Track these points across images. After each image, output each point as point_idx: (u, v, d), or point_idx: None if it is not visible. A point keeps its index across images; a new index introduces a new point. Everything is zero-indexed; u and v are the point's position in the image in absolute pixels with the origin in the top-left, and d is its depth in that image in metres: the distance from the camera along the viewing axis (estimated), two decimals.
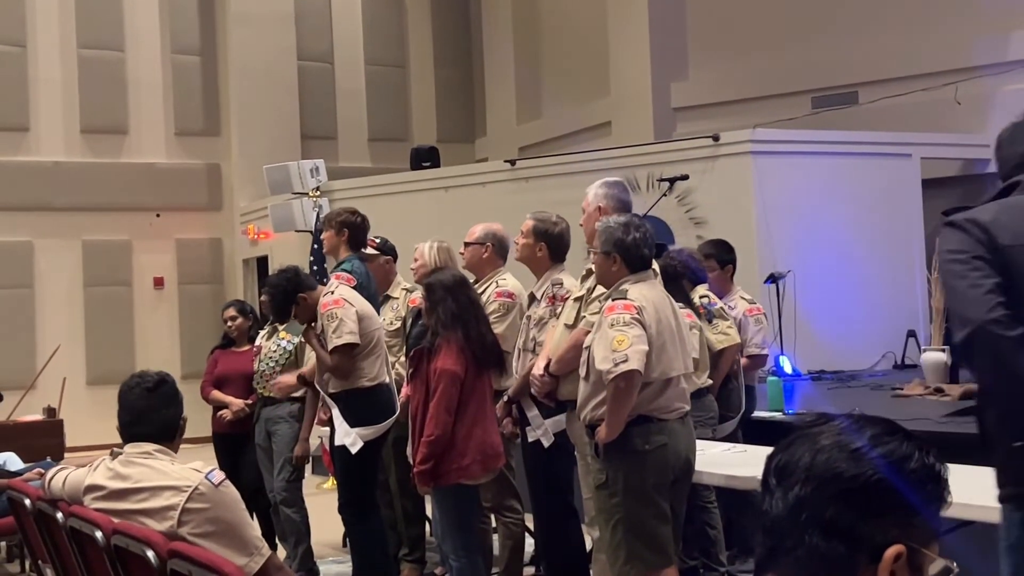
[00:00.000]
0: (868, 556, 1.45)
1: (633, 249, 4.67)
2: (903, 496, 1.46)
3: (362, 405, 5.85)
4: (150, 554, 3.09)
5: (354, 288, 6.08)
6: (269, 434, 6.94)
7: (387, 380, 6.00)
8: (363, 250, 6.58)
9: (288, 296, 6.01)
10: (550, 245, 5.64)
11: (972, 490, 3.80)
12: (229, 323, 7.61)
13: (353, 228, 6.46)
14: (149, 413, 3.55)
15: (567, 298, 5.43)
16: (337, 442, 5.87)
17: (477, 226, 6.25)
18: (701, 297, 6.41)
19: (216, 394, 7.45)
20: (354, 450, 5.77)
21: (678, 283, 5.99)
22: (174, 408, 3.62)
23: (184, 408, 3.72)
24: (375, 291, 6.56)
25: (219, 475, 3.39)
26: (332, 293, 5.90)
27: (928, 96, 11.67)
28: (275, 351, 6.99)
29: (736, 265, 6.87)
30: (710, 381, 6.06)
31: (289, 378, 6.63)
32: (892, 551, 1.44)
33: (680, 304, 5.83)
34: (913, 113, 11.80)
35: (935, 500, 1.51)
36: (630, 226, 4.70)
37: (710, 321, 6.28)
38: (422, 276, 6.00)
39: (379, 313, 6.34)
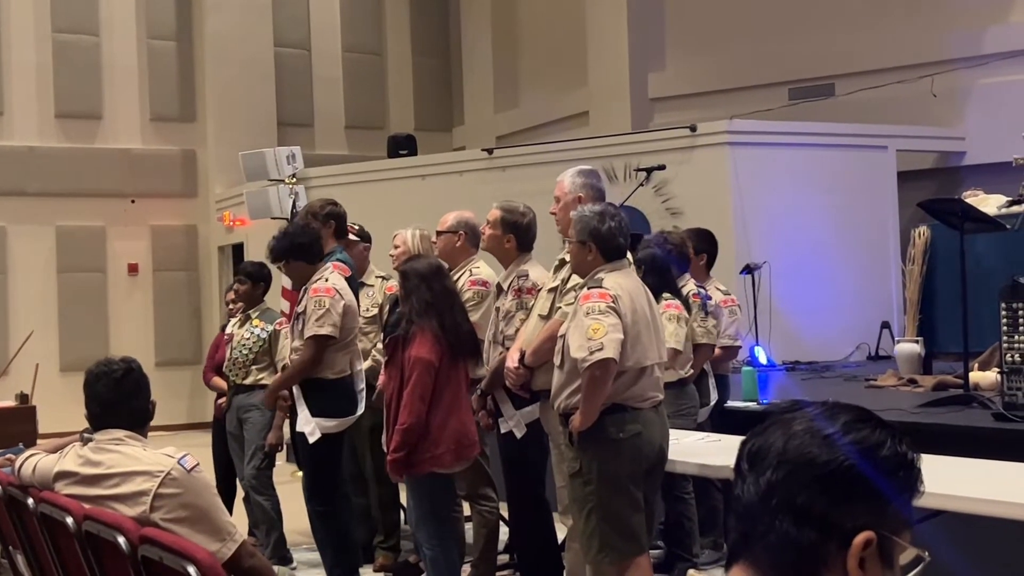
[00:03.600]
0: (839, 542, 1.45)
1: (609, 238, 4.66)
2: (875, 483, 1.46)
3: (323, 396, 5.80)
4: (121, 540, 3.07)
5: (347, 279, 6.05)
6: (240, 421, 6.93)
7: (352, 373, 5.94)
8: (346, 237, 6.57)
9: (297, 248, 5.91)
10: (517, 236, 5.63)
11: (944, 480, 3.83)
12: (230, 305, 7.59)
13: (339, 218, 6.45)
14: (118, 404, 3.53)
15: (533, 290, 5.42)
16: (298, 428, 5.85)
17: (449, 215, 6.23)
18: (698, 286, 6.43)
19: (216, 381, 7.44)
20: (312, 439, 5.73)
21: (666, 273, 6.00)
22: (143, 396, 3.60)
23: (155, 394, 3.70)
24: (358, 280, 6.57)
25: (191, 460, 3.37)
26: (327, 280, 5.84)
27: (904, 89, 11.72)
28: (248, 339, 6.96)
29: (713, 256, 6.88)
30: (692, 371, 6.08)
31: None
32: (861, 537, 1.44)
33: (667, 295, 5.86)
34: (889, 105, 11.85)
35: (907, 488, 1.51)
36: (605, 215, 4.69)
37: (706, 313, 6.31)
38: (403, 263, 5.97)
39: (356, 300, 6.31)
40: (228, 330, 7.20)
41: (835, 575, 1.45)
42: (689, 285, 6.37)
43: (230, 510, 6.27)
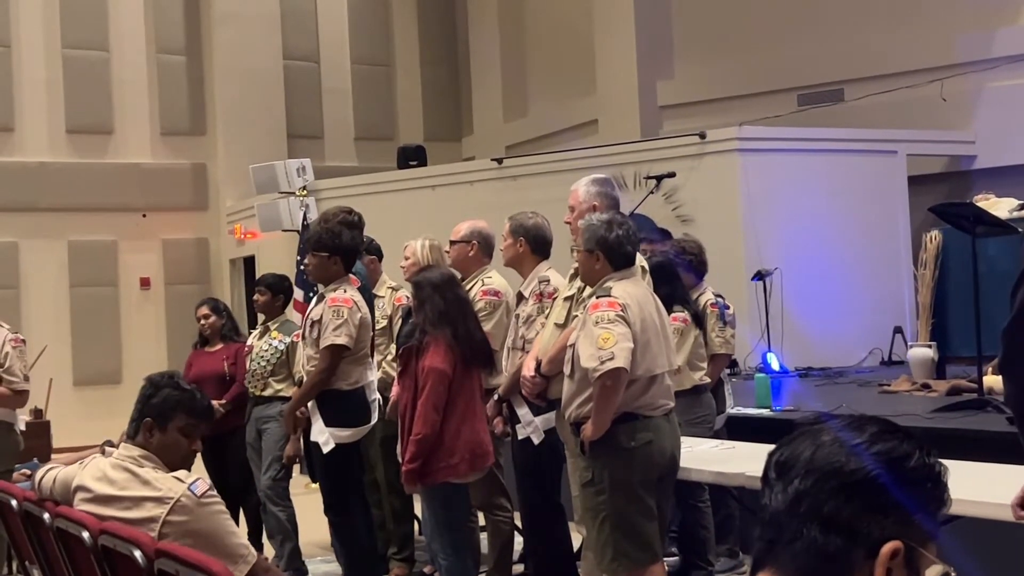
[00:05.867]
0: (865, 551, 1.45)
1: (616, 247, 4.66)
2: (901, 494, 1.47)
3: (337, 407, 5.80)
4: (137, 554, 3.08)
5: (359, 289, 6.05)
6: (259, 432, 6.93)
7: (365, 385, 5.95)
8: None
9: (348, 251, 5.92)
10: (528, 238, 5.65)
11: (959, 485, 3.82)
12: (202, 321, 7.56)
13: (352, 228, 6.43)
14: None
15: (553, 295, 5.43)
16: (312, 438, 5.85)
17: (462, 224, 6.25)
18: (717, 296, 6.44)
19: None
20: (326, 449, 5.74)
21: (676, 282, 6.01)
22: None
23: None
24: (372, 291, 6.58)
25: (202, 485, 3.34)
26: (345, 291, 5.84)
27: (913, 93, 11.69)
28: (266, 351, 6.97)
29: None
30: (708, 379, 6.08)
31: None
32: (889, 547, 1.44)
33: (677, 306, 5.86)
34: (899, 110, 11.82)
35: (934, 500, 1.52)
36: (613, 223, 4.70)
37: (724, 323, 6.31)
38: (413, 274, 5.98)
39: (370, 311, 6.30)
40: (248, 342, 7.22)
41: None
42: (707, 294, 6.38)
43: None
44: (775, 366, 9.63)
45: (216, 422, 7.18)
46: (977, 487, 3.93)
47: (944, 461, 1.56)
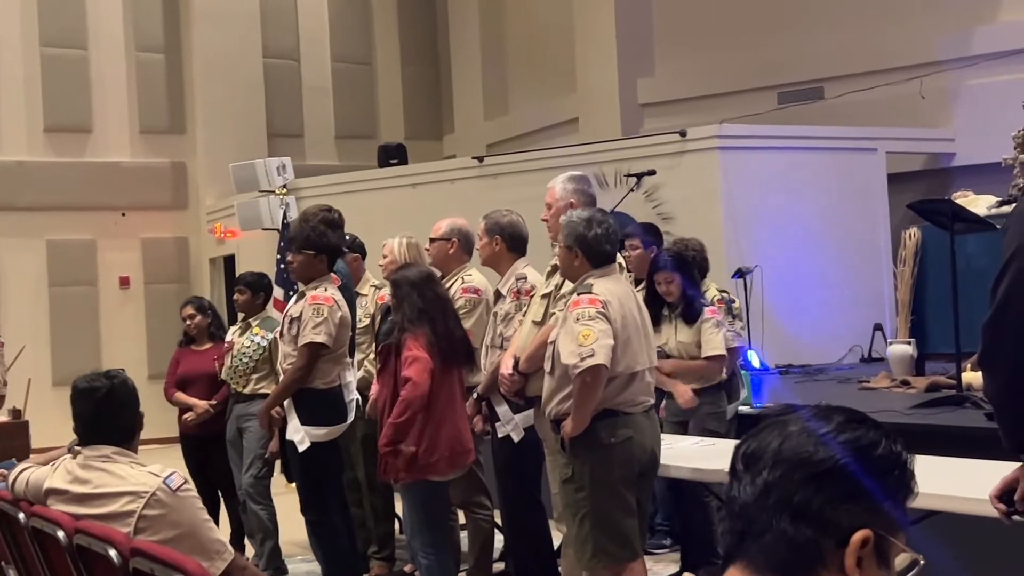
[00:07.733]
0: (835, 541, 1.45)
1: (595, 244, 4.66)
2: (869, 482, 1.47)
3: (313, 405, 5.78)
4: (112, 553, 3.06)
5: (339, 288, 6.03)
6: (240, 430, 6.90)
7: (343, 384, 5.92)
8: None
9: (333, 249, 5.91)
10: (504, 235, 5.66)
11: (937, 481, 3.83)
12: (188, 321, 7.53)
13: (334, 227, 6.41)
14: (101, 424, 3.51)
15: (531, 292, 5.43)
16: (287, 436, 5.82)
17: (442, 222, 6.24)
18: (721, 292, 6.46)
19: (180, 396, 7.37)
20: (301, 448, 5.71)
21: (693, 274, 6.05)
22: (127, 415, 3.56)
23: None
24: (354, 290, 6.55)
25: (177, 479, 3.34)
26: (326, 290, 5.82)
27: (893, 91, 11.74)
28: (248, 347, 6.93)
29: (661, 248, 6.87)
30: (724, 376, 6.10)
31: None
32: (859, 536, 1.45)
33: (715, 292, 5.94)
34: (878, 108, 11.87)
35: (902, 488, 1.52)
36: (592, 221, 4.69)
37: (733, 317, 6.33)
38: (391, 272, 5.96)
39: (352, 310, 6.27)
40: (228, 338, 7.18)
41: (831, 574, 1.45)
42: (711, 290, 6.40)
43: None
44: (756, 363, 9.63)
45: (205, 423, 7.18)
46: (955, 483, 3.94)
47: (922, 457, 1.56)
